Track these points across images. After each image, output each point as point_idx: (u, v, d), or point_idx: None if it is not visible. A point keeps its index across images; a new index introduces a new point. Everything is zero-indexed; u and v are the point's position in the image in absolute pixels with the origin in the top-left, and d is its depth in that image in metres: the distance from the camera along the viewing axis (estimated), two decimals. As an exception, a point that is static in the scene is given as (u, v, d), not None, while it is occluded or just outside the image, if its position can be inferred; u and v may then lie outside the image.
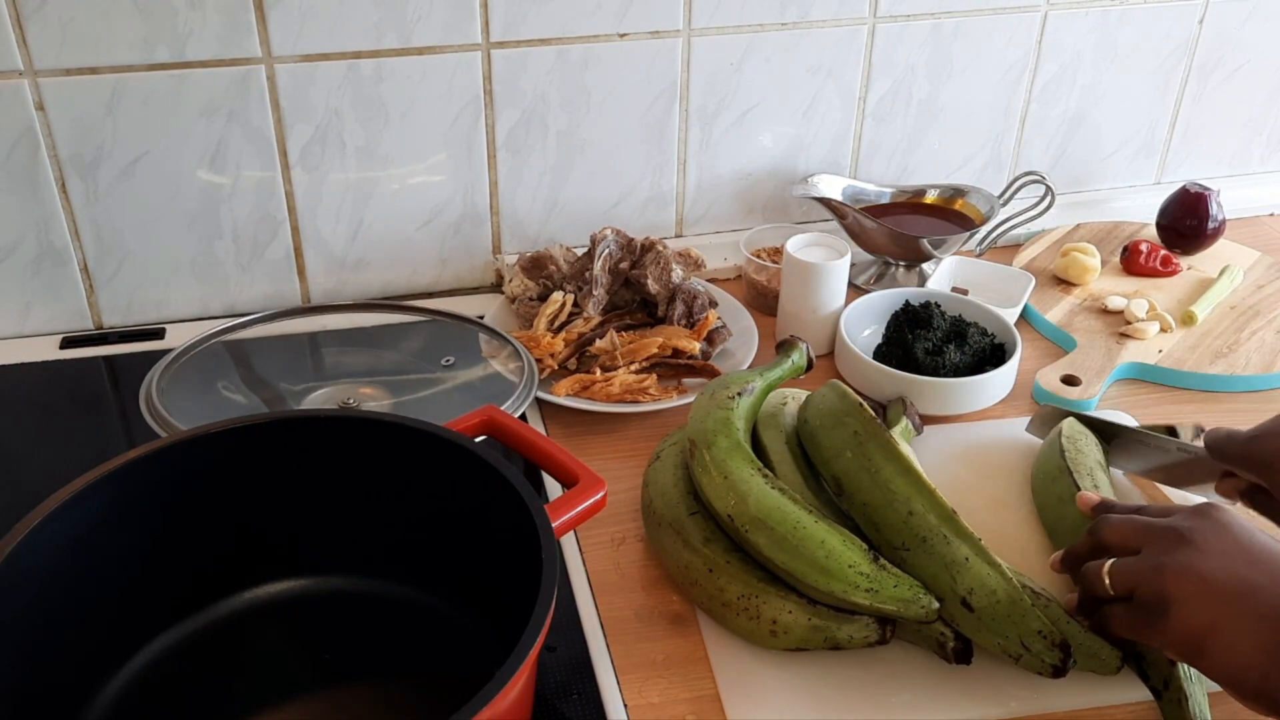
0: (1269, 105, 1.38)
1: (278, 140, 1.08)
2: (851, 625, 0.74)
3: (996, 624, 0.72)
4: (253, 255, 1.13)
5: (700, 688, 0.76)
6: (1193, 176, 1.39)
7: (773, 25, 1.17)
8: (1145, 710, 0.75)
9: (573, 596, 0.83)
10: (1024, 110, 1.30)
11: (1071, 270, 1.20)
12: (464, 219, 1.18)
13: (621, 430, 1.00)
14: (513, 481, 0.69)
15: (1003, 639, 0.72)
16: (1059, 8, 1.24)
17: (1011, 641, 0.72)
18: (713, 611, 0.79)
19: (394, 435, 0.74)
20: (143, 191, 1.07)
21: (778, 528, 0.75)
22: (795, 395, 0.93)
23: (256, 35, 1.03)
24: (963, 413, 1.01)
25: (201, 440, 0.73)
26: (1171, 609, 0.64)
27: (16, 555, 0.63)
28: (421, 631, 0.76)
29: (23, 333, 1.11)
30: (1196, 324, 1.13)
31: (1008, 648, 0.72)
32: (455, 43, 1.08)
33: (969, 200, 1.22)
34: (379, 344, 1.09)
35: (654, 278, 1.09)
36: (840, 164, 1.27)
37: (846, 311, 1.07)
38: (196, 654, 0.74)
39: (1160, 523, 0.69)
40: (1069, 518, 0.82)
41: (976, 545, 0.74)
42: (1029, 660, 0.72)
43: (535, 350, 1.03)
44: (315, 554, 0.78)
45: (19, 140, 1.02)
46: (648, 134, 1.19)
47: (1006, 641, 0.72)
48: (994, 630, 0.72)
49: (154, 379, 0.96)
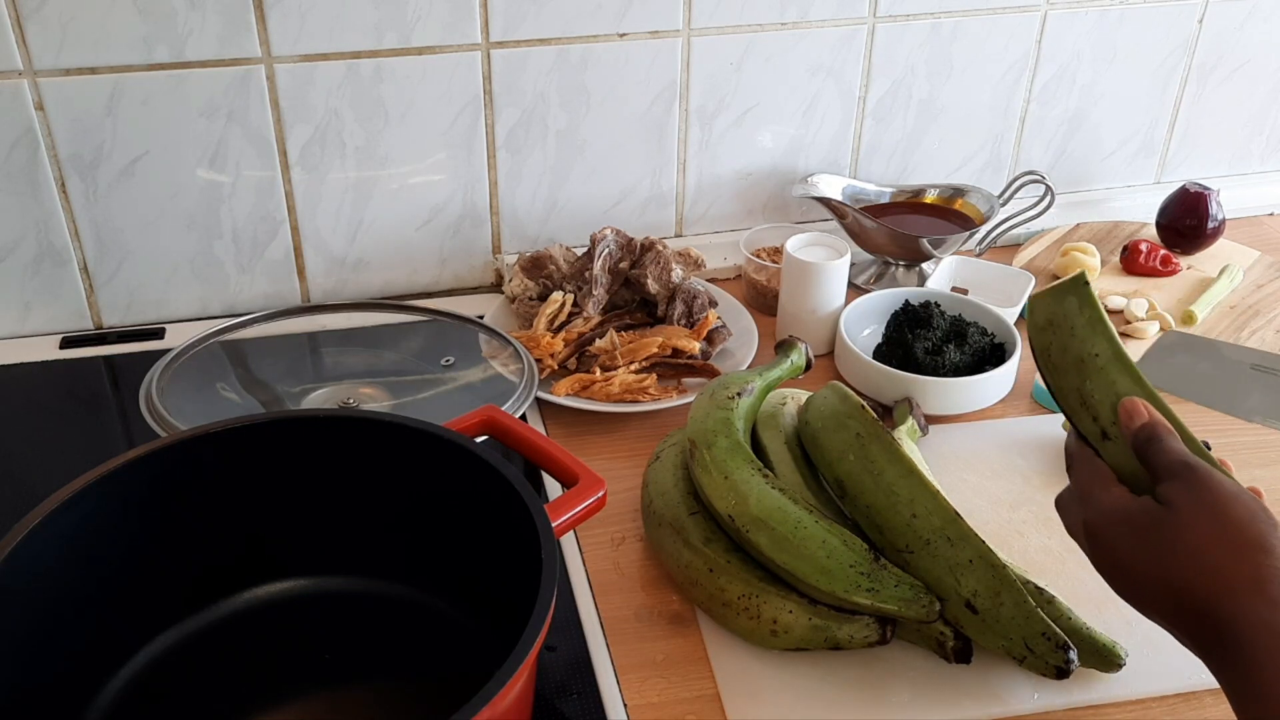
0: (1269, 105, 1.38)
1: (277, 140, 1.08)
2: (852, 625, 0.74)
3: (1001, 626, 0.72)
4: (252, 255, 1.13)
5: (700, 688, 0.76)
6: (1192, 176, 1.39)
7: (772, 25, 1.17)
8: (1146, 710, 0.75)
9: (573, 596, 0.83)
10: (1024, 110, 1.30)
11: (1071, 270, 1.20)
12: (464, 219, 1.18)
13: (621, 430, 1.00)
14: (513, 481, 0.69)
15: (1007, 641, 0.72)
16: (1059, 8, 1.24)
17: (1016, 643, 0.72)
18: (713, 611, 0.79)
19: (394, 435, 0.74)
20: (142, 191, 1.07)
21: (778, 528, 0.75)
22: (795, 395, 0.93)
23: (256, 35, 1.03)
24: (963, 412, 1.01)
25: (201, 440, 0.73)
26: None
27: (16, 555, 0.63)
28: (421, 631, 0.75)
29: (22, 333, 1.11)
30: (1196, 323, 1.13)
31: (1012, 650, 0.72)
32: (455, 43, 1.08)
33: (969, 200, 1.22)
34: (379, 344, 1.09)
35: (654, 277, 1.09)
36: (840, 164, 1.27)
37: (846, 311, 1.07)
38: (196, 654, 0.74)
39: (1134, 506, 0.64)
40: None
41: (980, 547, 0.74)
42: (1033, 662, 0.72)
43: (535, 350, 1.03)
44: (315, 554, 0.78)
45: (19, 140, 1.02)
46: (647, 134, 1.19)
47: (1011, 644, 0.72)
48: (998, 632, 0.72)
49: (154, 379, 0.96)
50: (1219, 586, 0.58)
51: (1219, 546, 0.59)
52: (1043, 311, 0.73)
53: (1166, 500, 0.61)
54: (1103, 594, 0.81)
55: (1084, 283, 0.71)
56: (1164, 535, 0.60)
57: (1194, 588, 0.59)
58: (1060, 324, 0.72)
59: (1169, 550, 0.60)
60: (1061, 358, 0.71)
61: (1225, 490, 0.61)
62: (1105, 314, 0.71)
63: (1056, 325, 0.72)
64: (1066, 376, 0.71)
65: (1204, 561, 0.59)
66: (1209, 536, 0.59)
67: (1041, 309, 0.73)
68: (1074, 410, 0.70)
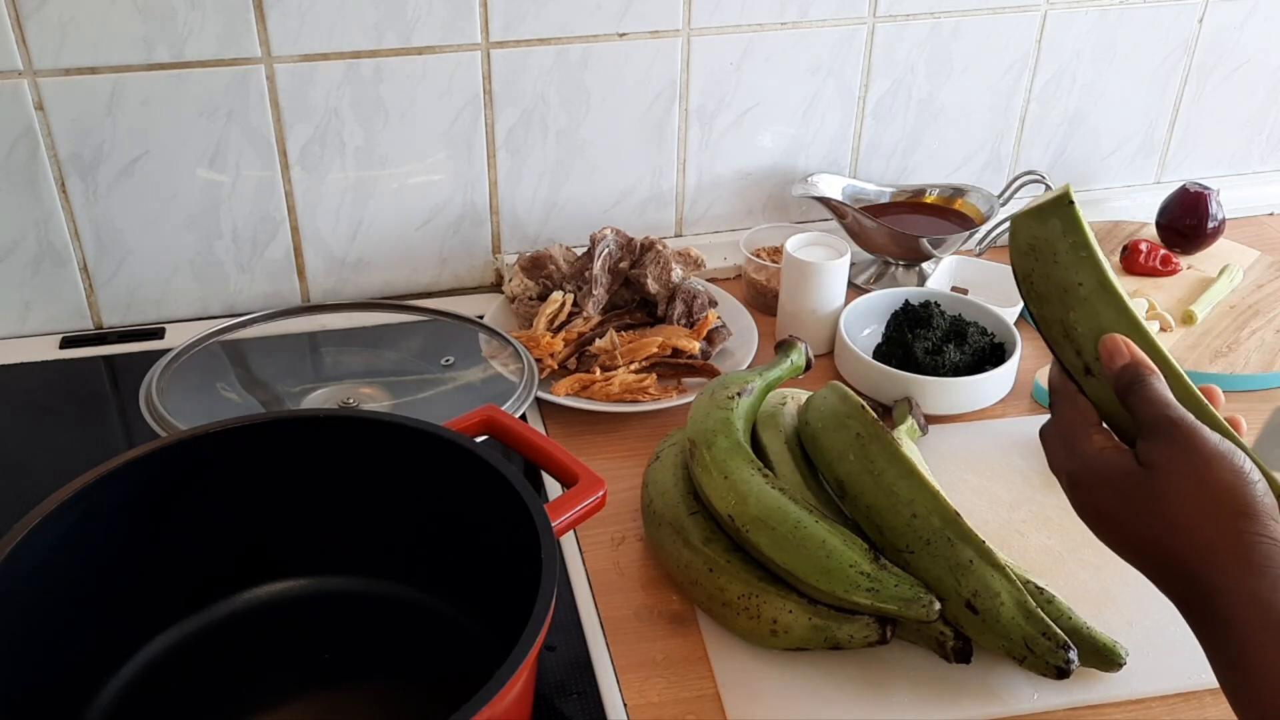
0: (1269, 105, 1.38)
1: (277, 140, 1.08)
2: (852, 625, 0.74)
3: (1001, 626, 0.72)
4: (252, 255, 1.13)
5: (700, 687, 0.76)
6: (1192, 176, 1.39)
7: (772, 25, 1.17)
8: (1146, 710, 0.75)
9: (573, 596, 0.83)
10: (1024, 110, 1.30)
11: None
12: (464, 219, 1.18)
13: (621, 430, 1.00)
14: (513, 481, 0.69)
15: (1007, 641, 0.72)
16: (1059, 7, 1.24)
17: (1016, 644, 0.72)
18: (713, 611, 0.79)
19: (394, 435, 0.74)
20: (142, 191, 1.07)
21: (778, 528, 0.75)
22: (795, 395, 0.93)
23: (256, 35, 1.03)
24: (963, 412, 1.01)
25: (201, 440, 0.73)
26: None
27: (16, 555, 0.63)
28: (421, 631, 0.75)
29: (22, 333, 1.11)
30: (1196, 323, 1.13)
31: (1012, 650, 0.72)
32: (455, 42, 1.08)
33: (969, 200, 1.22)
34: (379, 344, 1.09)
35: (654, 277, 1.09)
36: (840, 164, 1.27)
37: (846, 311, 1.07)
38: (196, 654, 0.74)
39: (1112, 462, 0.61)
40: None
41: (980, 547, 0.74)
42: (1033, 662, 0.72)
43: (535, 350, 1.03)
44: (315, 554, 0.78)
45: (19, 140, 1.02)
46: (647, 134, 1.19)
47: (1011, 644, 0.72)
48: (998, 633, 0.72)
49: (153, 379, 0.96)
50: (1203, 557, 0.56)
51: (1201, 513, 0.57)
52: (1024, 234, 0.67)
53: (1148, 462, 0.59)
54: (1103, 594, 0.81)
55: (1068, 202, 0.66)
56: (1145, 499, 0.59)
57: (1177, 555, 0.57)
58: (1043, 249, 0.66)
59: (1150, 515, 0.58)
60: (1044, 285, 0.67)
61: (1207, 450, 0.58)
62: (1092, 238, 0.66)
63: (1039, 250, 0.67)
64: (1049, 306, 0.66)
65: (1187, 530, 0.57)
66: (1191, 502, 0.57)
67: (1024, 231, 0.67)
68: (1057, 342, 0.66)
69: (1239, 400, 1.06)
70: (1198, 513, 0.57)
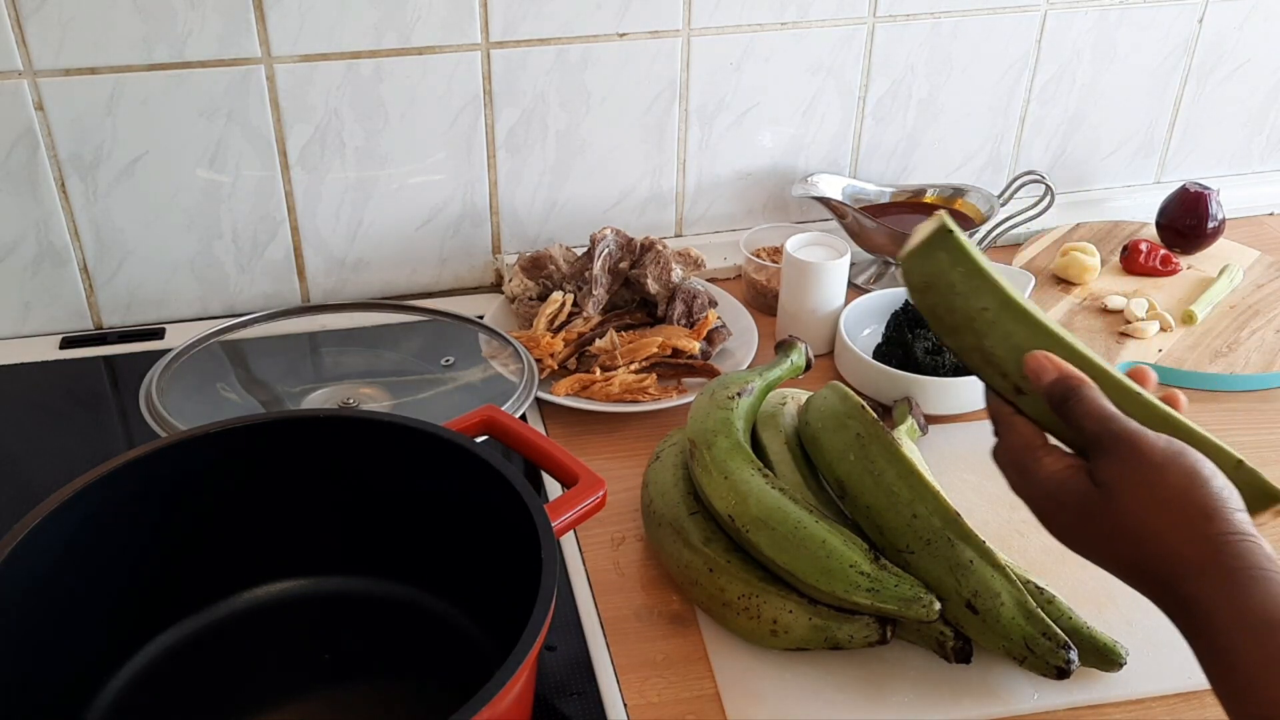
0: (1268, 105, 1.38)
1: (277, 140, 1.08)
2: (852, 625, 0.74)
3: (1001, 626, 0.72)
4: (252, 255, 1.13)
5: (700, 688, 0.76)
6: (1192, 176, 1.39)
7: (772, 25, 1.17)
8: (1146, 710, 0.75)
9: (573, 596, 0.83)
10: (1023, 110, 1.30)
11: (1071, 270, 1.20)
12: (464, 219, 1.18)
13: (621, 430, 1.00)
14: (513, 481, 0.69)
15: (1008, 641, 0.72)
16: (1059, 7, 1.24)
17: (1016, 644, 0.72)
18: (713, 611, 0.79)
19: (394, 435, 0.74)
20: (142, 191, 1.07)
21: (779, 528, 0.75)
22: (795, 395, 0.93)
23: (256, 35, 1.03)
24: (963, 412, 1.01)
25: (201, 440, 0.73)
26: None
27: (16, 555, 0.63)
28: (421, 632, 0.75)
29: (22, 333, 1.11)
30: (1196, 323, 1.13)
31: (1012, 650, 0.72)
32: (455, 43, 1.08)
33: (969, 199, 1.22)
34: (379, 344, 1.09)
35: (654, 277, 1.09)
36: (840, 164, 1.27)
37: (846, 311, 1.07)
38: (196, 654, 0.74)
39: (1064, 481, 0.61)
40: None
41: (981, 547, 0.74)
42: (1033, 662, 0.72)
43: (535, 350, 1.03)
44: (315, 554, 0.78)
45: (19, 140, 1.02)
46: (647, 134, 1.19)
47: (1011, 644, 0.72)
48: (999, 633, 0.72)
49: (154, 379, 0.96)
50: (1173, 568, 0.56)
51: (1163, 524, 0.56)
52: (916, 273, 0.67)
53: (1101, 481, 0.59)
54: (1103, 594, 0.81)
55: (947, 230, 0.65)
56: (1106, 518, 0.58)
57: (1149, 568, 0.57)
58: (937, 284, 0.66)
59: (1115, 533, 0.58)
60: (951, 318, 0.66)
61: (1156, 457, 0.58)
62: (980, 259, 0.65)
63: (934, 286, 0.66)
64: (962, 336, 0.66)
65: (1152, 543, 0.57)
66: (1151, 515, 0.57)
67: (914, 270, 0.67)
68: (980, 369, 0.66)
69: (1239, 400, 1.06)
70: (1160, 524, 0.57)
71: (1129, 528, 0.58)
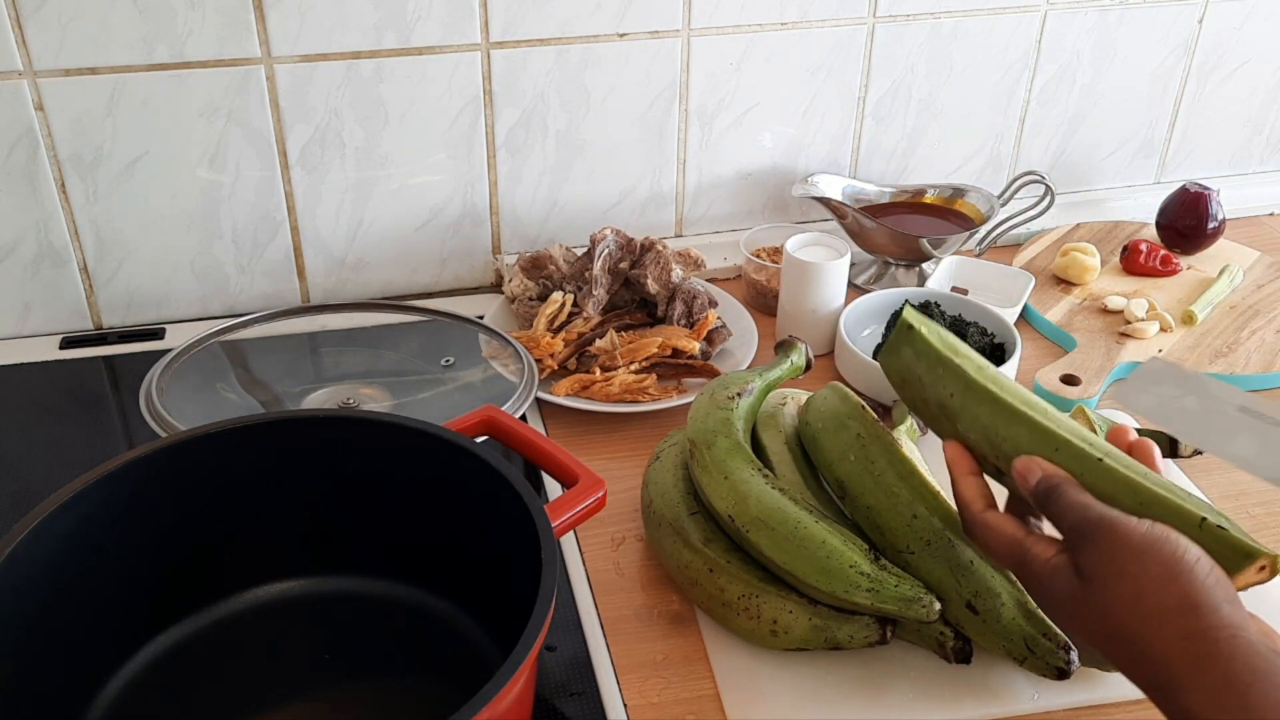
0: (1269, 105, 1.38)
1: (277, 140, 1.08)
2: (852, 625, 0.74)
3: (1002, 627, 0.72)
4: (252, 255, 1.13)
5: (700, 688, 0.76)
6: (1192, 176, 1.39)
7: (772, 25, 1.17)
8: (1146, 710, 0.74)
9: (573, 596, 0.83)
10: (1023, 110, 1.30)
11: (1071, 270, 1.20)
12: (464, 219, 1.18)
13: (621, 430, 1.00)
14: (513, 481, 0.69)
15: (1008, 642, 0.72)
16: (1059, 8, 1.24)
17: (1016, 644, 0.72)
18: (713, 611, 0.79)
19: (394, 435, 0.74)
20: (142, 191, 1.07)
21: (779, 528, 0.75)
22: (795, 395, 0.93)
23: (256, 35, 1.03)
24: (963, 412, 1.01)
25: (201, 440, 0.73)
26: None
27: (16, 555, 0.63)
28: (421, 631, 0.76)
29: (22, 333, 1.11)
30: (1196, 323, 1.13)
31: (1013, 650, 0.72)
32: (455, 43, 1.08)
33: (969, 200, 1.22)
34: (379, 344, 1.09)
35: (654, 278, 1.09)
36: (840, 164, 1.27)
37: (846, 311, 1.07)
38: (197, 654, 0.74)
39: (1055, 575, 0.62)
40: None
41: (979, 546, 0.74)
42: (1034, 663, 0.72)
43: (535, 350, 1.03)
44: (315, 554, 0.78)
45: (19, 140, 1.02)
46: (647, 134, 1.19)
47: (1011, 644, 0.72)
48: (999, 633, 0.72)
49: (154, 379, 0.96)
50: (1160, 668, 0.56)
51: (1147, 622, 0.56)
52: (892, 372, 0.71)
53: (1084, 574, 0.60)
54: (1103, 594, 0.81)
55: (908, 326, 0.68)
56: (1092, 614, 0.59)
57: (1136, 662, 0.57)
58: (909, 378, 0.69)
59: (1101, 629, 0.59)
60: (926, 409, 0.70)
61: (1134, 544, 0.58)
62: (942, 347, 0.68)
63: (908, 381, 0.70)
64: (941, 424, 0.70)
65: (1137, 642, 0.57)
66: (1134, 613, 0.57)
67: (891, 369, 0.71)
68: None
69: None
70: (1143, 622, 0.57)
71: (1116, 624, 0.58)
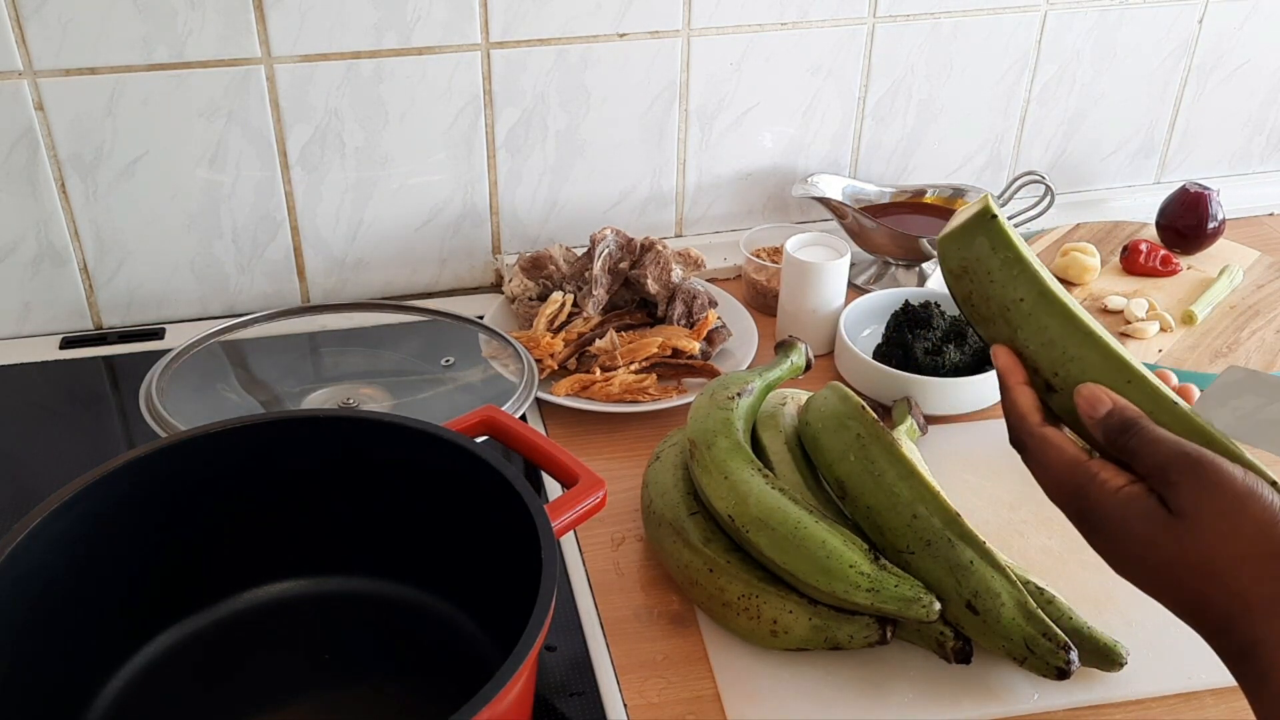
0: (1269, 105, 1.38)
1: (277, 140, 1.08)
2: (852, 625, 0.74)
3: (1002, 627, 0.72)
4: (252, 255, 1.13)
5: (700, 688, 0.76)
6: (1192, 176, 1.39)
7: (772, 25, 1.17)
8: (1146, 710, 0.75)
9: (573, 596, 0.83)
10: (1023, 110, 1.30)
11: (1071, 270, 1.20)
12: (464, 219, 1.18)
13: (621, 430, 1.00)
14: (513, 481, 0.69)
15: (1008, 642, 0.72)
16: (1059, 8, 1.24)
17: (1016, 645, 0.72)
18: (713, 611, 0.79)
19: (394, 435, 0.74)
20: (142, 191, 1.07)
21: (779, 528, 0.75)
22: (795, 395, 0.93)
23: (256, 35, 1.03)
24: (963, 412, 1.01)
25: (201, 440, 0.73)
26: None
27: (16, 555, 0.63)
28: (421, 632, 0.75)
29: (22, 333, 1.11)
30: (1196, 323, 1.13)
31: (1013, 651, 0.72)
32: (455, 43, 1.08)
33: (968, 200, 1.22)
34: (379, 344, 1.09)
35: (654, 278, 1.09)
36: (840, 164, 1.27)
37: (846, 311, 1.07)
38: (196, 654, 0.74)
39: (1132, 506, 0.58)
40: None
41: (981, 548, 0.74)
42: (1034, 663, 0.72)
43: (535, 350, 1.03)
44: (315, 554, 0.78)
45: (19, 140, 1.02)
46: (647, 134, 1.19)
47: (1011, 644, 0.72)
48: (999, 633, 0.72)
49: (154, 379, 0.96)
50: (1240, 606, 0.54)
51: (1238, 560, 0.54)
52: (954, 257, 0.64)
53: (1179, 509, 0.56)
54: (1103, 594, 0.81)
55: (991, 215, 0.62)
56: (1176, 546, 0.56)
57: (1212, 603, 0.55)
58: (975, 270, 0.63)
59: (1182, 563, 0.56)
60: (985, 307, 0.63)
61: (1237, 489, 0.55)
62: (1022, 248, 0.63)
63: (971, 272, 0.63)
64: (995, 327, 0.63)
65: (1222, 578, 0.55)
66: (1226, 549, 0.54)
67: (952, 254, 0.64)
68: None
69: (1239, 400, 1.06)
70: (1234, 560, 0.54)
71: (1201, 559, 0.55)
